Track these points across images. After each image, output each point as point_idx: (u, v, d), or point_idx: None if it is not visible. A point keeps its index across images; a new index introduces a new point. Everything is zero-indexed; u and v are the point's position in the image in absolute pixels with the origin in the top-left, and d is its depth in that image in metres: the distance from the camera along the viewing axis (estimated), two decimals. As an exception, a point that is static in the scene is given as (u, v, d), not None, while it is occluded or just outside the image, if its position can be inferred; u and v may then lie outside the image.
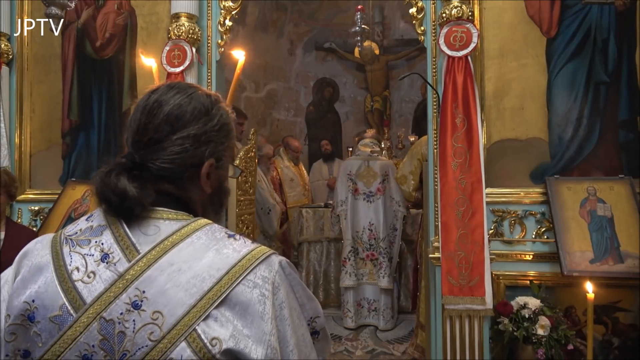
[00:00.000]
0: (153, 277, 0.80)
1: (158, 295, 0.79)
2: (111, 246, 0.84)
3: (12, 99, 3.29)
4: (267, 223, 4.84)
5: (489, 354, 2.45)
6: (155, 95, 0.91)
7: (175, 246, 0.83)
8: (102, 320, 0.79)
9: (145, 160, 0.88)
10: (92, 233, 0.87)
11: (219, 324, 0.78)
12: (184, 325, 0.77)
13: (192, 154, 0.90)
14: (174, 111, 0.89)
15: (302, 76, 8.05)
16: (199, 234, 0.85)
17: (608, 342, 2.50)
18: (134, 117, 0.92)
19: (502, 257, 2.60)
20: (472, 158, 2.42)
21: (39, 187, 3.30)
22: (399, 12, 7.65)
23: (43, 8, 2.67)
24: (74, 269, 0.84)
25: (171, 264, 0.81)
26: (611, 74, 2.60)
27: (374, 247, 4.34)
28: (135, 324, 0.78)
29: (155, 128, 0.89)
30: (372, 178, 4.40)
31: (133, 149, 0.90)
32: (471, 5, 2.60)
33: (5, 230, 2.50)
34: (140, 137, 0.89)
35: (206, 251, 0.83)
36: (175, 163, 0.88)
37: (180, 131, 0.89)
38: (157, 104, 0.90)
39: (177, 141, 0.88)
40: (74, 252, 0.86)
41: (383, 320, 4.31)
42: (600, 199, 2.51)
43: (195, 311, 0.78)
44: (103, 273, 0.82)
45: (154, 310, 0.78)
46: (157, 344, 0.77)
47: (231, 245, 0.85)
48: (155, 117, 0.89)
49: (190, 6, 2.89)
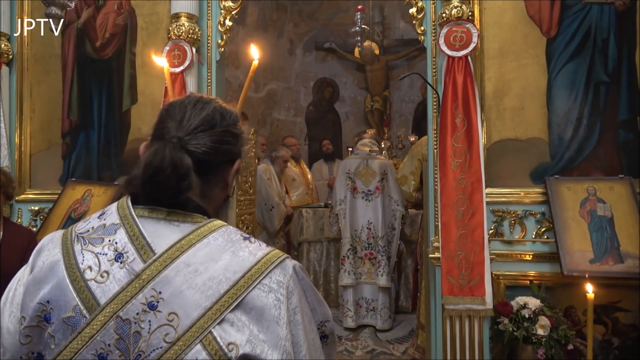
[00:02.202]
0: (169, 278, 0.79)
1: (174, 296, 0.78)
2: (125, 245, 0.84)
3: (12, 99, 3.28)
4: (269, 220, 4.86)
5: (489, 354, 2.45)
6: (195, 97, 0.96)
7: (191, 247, 0.83)
8: (118, 320, 0.78)
9: (190, 144, 0.88)
10: (106, 231, 0.87)
11: (235, 328, 0.78)
12: (199, 327, 0.77)
13: (231, 149, 0.95)
14: (219, 110, 0.95)
15: (302, 76, 8.05)
16: (215, 235, 0.85)
17: (608, 342, 2.50)
18: (174, 110, 0.93)
19: (502, 257, 2.60)
20: (472, 158, 2.42)
21: (39, 187, 3.29)
22: (399, 12, 7.65)
23: (43, 8, 2.67)
24: (86, 268, 0.83)
25: (187, 264, 0.81)
26: (611, 74, 2.60)
27: (372, 246, 4.34)
28: (150, 325, 0.77)
29: (204, 118, 0.91)
30: (370, 177, 4.40)
31: (179, 132, 0.89)
32: (471, 5, 2.60)
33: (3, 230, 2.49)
34: (188, 123, 0.90)
35: (222, 253, 0.83)
36: (219, 152, 0.91)
37: (226, 126, 0.94)
38: (202, 102, 0.94)
39: (222, 134, 0.92)
40: (86, 250, 0.85)
41: (380, 319, 4.31)
42: (600, 199, 2.51)
43: (210, 314, 0.77)
44: (117, 273, 0.81)
45: (169, 312, 0.77)
46: (172, 346, 0.76)
47: (247, 248, 0.85)
48: (204, 110, 0.92)
49: (190, 6, 2.89)
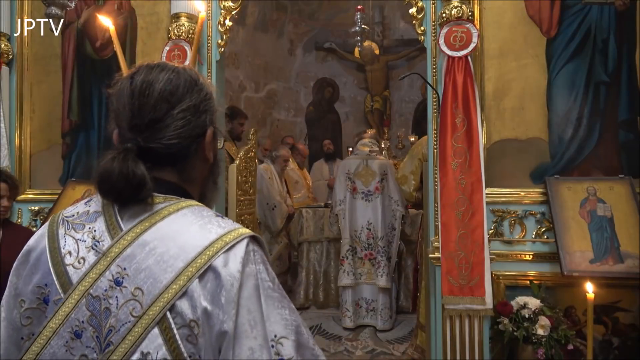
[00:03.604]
0: (134, 254, 0.81)
1: (138, 271, 0.79)
2: (102, 234, 0.85)
3: (12, 99, 3.28)
4: (271, 219, 4.87)
5: (489, 354, 2.45)
6: (140, 77, 0.88)
7: (154, 224, 0.82)
8: (89, 297, 0.80)
9: (149, 141, 0.86)
10: (88, 218, 0.88)
11: (195, 300, 0.77)
12: (164, 301, 0.77)
13: (195, 125, 0.89)
14: (167, 87, 0.87)
15: (302, 76, 8.06)
16: (184, 212, 0.85)
17: (608, 342, 2.50)
18: (123, 102, 0.88)
19: (502, 257, 2.60)
20: (472, 158, 2.42)
21: (39, 187, 3.29)
22: (399, 12, 7.66)
23: (43, 8, 2.67)
24: (66, 253, 0.85)
25: (149, 241, 0.81)
26: (611, 74, 2.60)
27: (372, 246, 4.33)
28: (118, 300, 0.79)
29: (153, 107, 0.86)
30: (370, 177, 4.39)
31: (133, 133, 0.86)
32: (471, 5, 2.60)
33: (3, 230, 2.50)
34: (139, 120, 0.86)
35: (189, 227, 0.82)
36: (182, 137, 0.88)
37: (178, 105, 0.88)
38: (146, 84, 0.87)
39: (178, 115, 0.87)
40: (68, 234, 0.87)
41: (381, 320, 4.31)
42: (600, 199, 2.50)
43: (175, 287, 0.77)
44: (92, 260, 0.83)
45: (135, 287, 0.79)
46: (139, 320, 0.77)
47: (217, 222, 0.84)
48: (150, 97, 0.86)
49: (190, 6, 2.89)
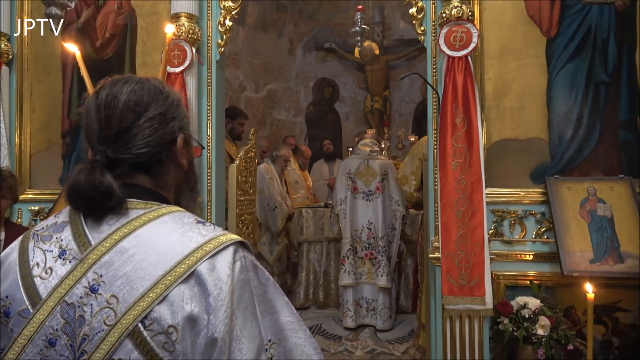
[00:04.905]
0: (112, 261, 0.80)
1: (114, 278, 0.79)
2: (69, 243, 0.85)
3: (12, 99, 3.28)
4: (272, 220, 4.87)
5: (489, 354, 2.45)
6: (105, 91, 0.90)
7: (134, 231, 0.82)
8: (64, 304, 0.80)
9: (119, 152, 0.87)
10: (56, 229, 0.88)
11: (176, 305, 0.76)
12: (138, 310, 0.76)
13: (164, 132, 0.90)
14: (132, 97, 0.89)
15: (302, 76, 8.05)
16: (165, 219, 0.84)
17: (608, 342, 2.50)
18: (91, 117, 0.89)
19: (502, 257, 2.60)
20: (472, 158, 2.42)
21: (39, 187, 3.29)
22: (399, 12, 7.66)
23: (43, 8, 2.67)
24: (34, 265, 0.85)
25: (127, 249, 0.81)
26: (611, 74, 2.60)
27: (372, 246, 4.33)
28: (92, 308, 0.78)
29: (119, 118, 0.87)
30: (371, 177, 4.39)
31: (102, 146, 0.88)
32: (471, 5, 2.60)
33: (5, 231, 2.50)
34: (107, 132, 0.88)
35: (169, 234, 0.82)
36: (151, 145, 0.88)
37: (144, 114, 0.89)
38: (111, 97, 0.89)
39: (145, 124, 0.88)
40: (37, 247, 0.87)
41: (381, 319, 4.31)
42: (600, 199, 2.51)
43: (152, 295, 0.76)
44: (59, 269, 0.83)
45: (110, 294, 0.78)
46: (112, 328, 0.76)
47: (198, 229, 0.84)
48: (115, 109, 0.88)
49: (190, 6, 2.89)
